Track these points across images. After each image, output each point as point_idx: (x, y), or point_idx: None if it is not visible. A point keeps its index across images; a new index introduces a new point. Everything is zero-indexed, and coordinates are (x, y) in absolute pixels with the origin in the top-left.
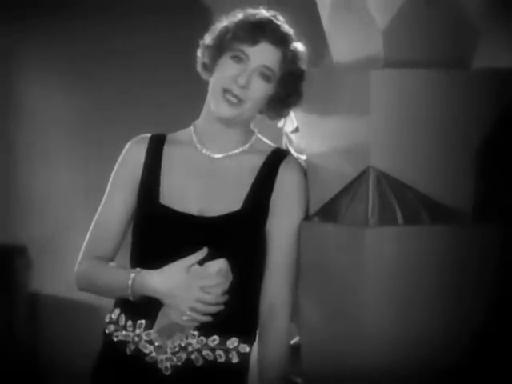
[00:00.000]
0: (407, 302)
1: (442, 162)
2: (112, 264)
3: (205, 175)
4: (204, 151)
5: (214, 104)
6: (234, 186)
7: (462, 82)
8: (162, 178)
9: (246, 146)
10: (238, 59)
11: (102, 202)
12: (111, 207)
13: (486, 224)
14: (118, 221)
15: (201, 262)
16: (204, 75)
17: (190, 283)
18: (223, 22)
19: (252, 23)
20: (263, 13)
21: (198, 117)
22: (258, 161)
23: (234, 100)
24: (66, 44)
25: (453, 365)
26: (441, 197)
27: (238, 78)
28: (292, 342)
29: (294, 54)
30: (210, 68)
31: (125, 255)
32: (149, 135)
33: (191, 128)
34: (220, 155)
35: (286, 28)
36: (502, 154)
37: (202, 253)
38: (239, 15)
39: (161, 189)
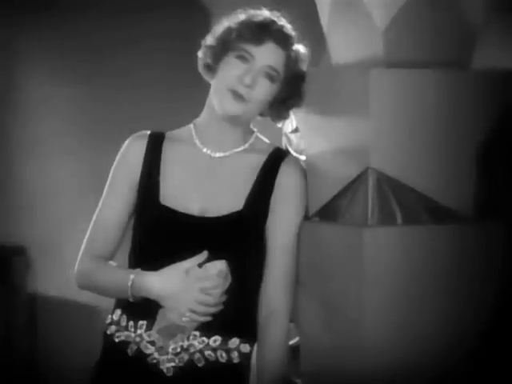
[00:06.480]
0: (407, 303)
1: (441, 163)
2: (112, 263)
3: (205, 174)
4: (204, 150)
5: (219, 103)
6: (235, 185)
7: (461, 82)
8: (161, 176)
9: (247, 145)
10: (243, 59)
11: (101, 200)
12: (110, 205)
13: (487, 222)
14: (118, 219)
15: (200, 263)
16: (206, 76)
17: (190, 285)
18: (225, 23)
19: (257, 23)
20: (266, 13)
21: (196, 115)
22: (258, 160)
23: (239, 99)
24: (66, 36)
25: (455, 367)
26: (441, 197)
27: (243, 77)
28: (291, 342)
29: (297, 56)
30: (212, 68)
31: (126, 252)
32: (148, 132)
33: (191, 126)
34: (220, 154)
35: (290, 29)
36: (501, 155)
37: (203, 256)
38: (241, 16)
39: (160, 188)
